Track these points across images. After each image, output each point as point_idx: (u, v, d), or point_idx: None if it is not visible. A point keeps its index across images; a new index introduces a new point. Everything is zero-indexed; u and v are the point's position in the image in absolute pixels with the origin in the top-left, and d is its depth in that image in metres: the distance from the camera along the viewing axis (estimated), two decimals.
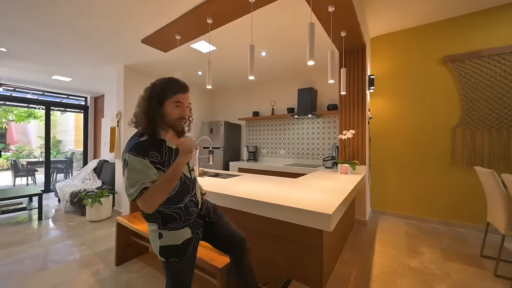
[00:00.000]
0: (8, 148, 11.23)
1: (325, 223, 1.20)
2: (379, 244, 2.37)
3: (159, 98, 1.02)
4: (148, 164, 0.95)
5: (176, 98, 1.04)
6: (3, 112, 11.16)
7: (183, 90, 1.07)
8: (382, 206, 3.29)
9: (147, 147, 0.98)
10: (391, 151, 3.24)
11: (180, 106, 1.05)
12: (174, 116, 1.05)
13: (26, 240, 2.64)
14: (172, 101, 1.03)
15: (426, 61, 3.00)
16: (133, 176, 0.93)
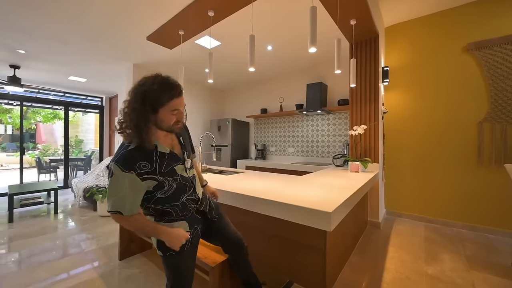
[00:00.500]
0: (36, 147, 12.07)
1: (325, 222, 1.09)
2: (393, 248, 2.18)
3: (152, 106, 0.89)
4: (132, 179, 0.89)
5: (172, 105, 0.92)
6: (31, 114, 12.00)
7: (178, 94, 0.94)
8: (398, 208, 3.06)
9: (135, 158, 0.89)
10: (408, 148, 3.00)
11: (175, 112, 0.94)
12: (170, 122, 0.95)
13: (40, 233, 2.75)
14: (168, 109, 0.92)
15: (448, 50, 2.74)
16: (112, 193, 0.89)
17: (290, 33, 2.76)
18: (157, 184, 0.95)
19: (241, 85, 5.01)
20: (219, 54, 3.29)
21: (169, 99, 0.91)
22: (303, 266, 1.56)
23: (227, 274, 1.33)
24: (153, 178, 0.94)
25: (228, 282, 1.35)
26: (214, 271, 1.26)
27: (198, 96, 4.82)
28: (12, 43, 2.87)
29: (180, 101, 0.95)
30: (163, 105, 0.90)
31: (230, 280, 1.36)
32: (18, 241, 2.53)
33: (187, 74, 4.19)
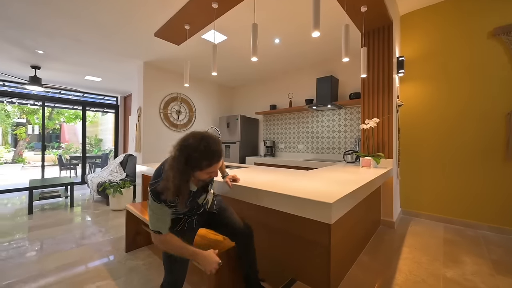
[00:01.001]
0: (60, 146, 12.80)
1: (325, 214, 1.01)
2: (407, 249, 2.03)
3: (191, 169, 0.98)
4: (163, 208, 1.05)
5: (209, 170, 1.01)
6: (56, 115, 12.75)
7: (216, 161, 1.01)
8: (414, 207, 2.87)
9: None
10: (426, 143, 2.80)
11: (211, 174, 1.04)
12: (203, 178, 1.06)
13: (55, 224, 2.87)
14: (205, 172, 1.01)
15: (471, 37, 2.52)
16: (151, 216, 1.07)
17: (298, 26, 2.67)
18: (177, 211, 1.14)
19: (250, 82, 4.97)
20: (226, 49, 3.27)
21: (207, 166, 0.99)
22: (306, 263, 1.48)
23: (224, 266, 1.28)
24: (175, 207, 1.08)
25: (227, 276, 1.30)
26: None
27: (208, 94, 4.84)
28: (31, 43, 3.03)
29: (217, 166, 1.03)
30: (202, 169, 0.99)
31: (229, 274, 1.31)
32: (35, 231, 2.66)
33: (196, 71, 4.21)
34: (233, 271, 1.34)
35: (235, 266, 1.36)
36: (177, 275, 1.07)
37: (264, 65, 3.91)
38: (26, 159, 11.31)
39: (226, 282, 1.30)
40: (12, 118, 12.34)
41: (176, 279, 1.07)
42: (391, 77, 2.54)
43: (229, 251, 1.33)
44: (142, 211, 2.05)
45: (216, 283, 1.25)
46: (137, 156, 3.89)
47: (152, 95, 3.87)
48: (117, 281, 1.70)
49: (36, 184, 3.40)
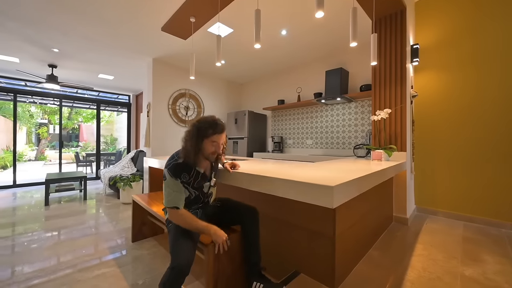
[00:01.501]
0: (78, 145, 13.39)
1: (326, 198, 0.95)
2: (422, 245, 1.90)
3: (201, 137, 1.25)
4: (178, 184, 1.25)
5: (212, 139, 1.26)
6: (74, 115, 13.36)
7: (220, 131, 1.28)
8: (430, 204, 2.70)
9: (180, 169, 1.25)
10: (443, 136, 2.63)
11: (214, 144, 1.28)
12: (209, 151, 1.28)
13: (69, 215, 2.98)
14: (210, 140, 1.26)
15: (495, 19, 2.34)
16: (168, 193, 1.24)
17: (306, 16, 2.60)
18: (188, 193, 1.32)
19: (258, 78, 4.93)
20: (233, 43, 3.25)
21: (212, 133, 1.26)
22: (310, 255, 1.41)
23: (223, 254, 1.25)
24: (186, 187, 1.30)
25: (226, 263, 1.27)
26: (209, 250, 1.19)
27: (216, 90, 4.85)
28: (47, 41, 3.16)
29: (219, 136, 1.28)
30: (207, 137, 1.25)
31: (227, 261, 1.28)
32: (50, 220, 2.77)
33: (204, 67, 4.23)
34: (232, 260, 1.31)
35: (235, 255, 1.32)
36: (183, 259, 1.07)
37: (271, 59, 3.86)
38: (47, 157, 11.93)
39: (225, 270, 1.27)
40: (35, 119, 13.08)
41: (182, 263, 1.06)
42: (404, 66, 2.40)
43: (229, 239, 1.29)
44: (149, 202, 2.06)
45: (215, 271, 1.22)
46: (146, 151, 3.97)
47: (161, 91, 3.93)
48: (122, 269, 1.71)
49: (52, 177, 3.54)
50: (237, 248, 1.34)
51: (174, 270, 1.05)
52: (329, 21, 2.71)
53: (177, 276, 1.05)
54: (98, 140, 5.67)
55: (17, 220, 2.78)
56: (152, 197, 2.17)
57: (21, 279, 1.59)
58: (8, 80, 4.95)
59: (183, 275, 1.06)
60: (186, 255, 1.10)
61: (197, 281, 1.53)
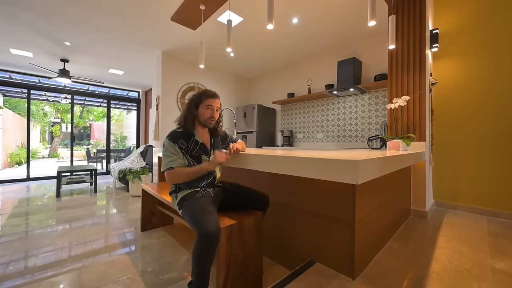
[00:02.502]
0: (89, 143, 13.69)
1: (351, 174, 0.88)
2: (444, 238, 1.79)
3: (195, 103, 1.36)
4: (176, 148, 1.31)
5: (207, 102, 1.35)
6: (86, 113, 13.66)
7: (212, 96, 1.37)
8: (451, 198, 2.56)
9: (179, 136, 1.33)
10: (464, 126, 2.49)
11: (210, 108, 1.35)
12: (206, 116, 1.35)
13: (79, 206, 3.00)
14: (204, 104, 1.35)
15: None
16: (165, 157, 1.30)
17: (319, 2, 2.51)
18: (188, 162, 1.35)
19: (268, 71, 4.86)
20: (243, 33, 3.20)
21: (204, 98, 1.36)
22: (327, 243, 1.33)
23: (235, 238, 1.19)
24: (185, 156, 1.34)
25: (238, 248, 1.21)
26: (222, 234, 1.13)
27: (225, 84, 4.82)
28: (59, 34, 3.20)
29: (213, 100, 1.36)
30: (201, 102, 1.35)
31: (240, 246, 1.21)
32: (61, 211, 2.79)
33: (213, 61, 4.20)
34: (245, 246, 1.24)
35: (248, 240, 1.26)
36: (210, 224, 1.03)
37: (281, 50, 3.78)
38: (60, 154, 12.25)
39: (237, 256, 1.21)
40: (49, 118, 13.47)
41: (210, 228, 1.01)
42: (423, 52, 2.29)
43: (240, 223, 1.23)
44: (158, 191, 2.02)
45: (227, 256, 1.16)
46: (155, 144, 3.97)
47: (170, 84, 3.92)
48: (131, 256, 1.69)
49: (63, 170, 3.59)
50: (251, 233, 1.28)
51: (203, 236, 1.01)
52: (342, 6, 2.61)
53: (207, 243, 1.01)
54: (108, 136, 5.74)
55: (29, 210, 2.82)
56: (161, 186, 2.14)
57: (31, 265, 1.58)
58: (22, 76, 5.07)
59: (213, 240, 1.01)
60: (212, 221, 1.06)
61: None
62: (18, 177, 4.86)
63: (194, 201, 1.24)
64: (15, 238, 2.01)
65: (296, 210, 1.49)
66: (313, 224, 1.40)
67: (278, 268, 1.51)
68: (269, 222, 1.64)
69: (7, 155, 7.97)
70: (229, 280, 1.17)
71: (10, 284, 1.36)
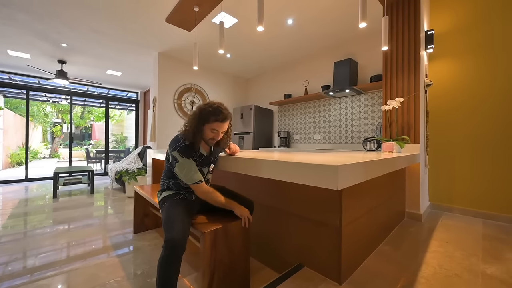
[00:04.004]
0: (90, 144, 13.75)
1: (331, 179, 0.87)
2: (437, 242, 1.77)
3: (202, 121, 1.27)
4: (193, 163, 1.27)
5: (214, 125, 1.27)
6: (87, 114, 13.72)
7: (222, 120, 1.28)
8: (446, 200, 2.53)
9: (190, 151, 1.28)
10: (460, 128, 2.46)
11: (214, 132, 1.29)
12: (208, 137, 1.30)
13: (75, 207, 3.01)
14: (209, 127, 1.27)
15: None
16: (188, 171, 1.25)
17: (312, 4, 2.50)
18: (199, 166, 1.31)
19: (265, 72, 4.85)
20: (238, 34, 3.19)
21: (213, 121, 1.26)
22: (315, 247, 1.32)
23: (221, 242, 1.18)
24: (197, 162, 1.31)
25: (224, 252, 1.20)
26: (205, 238, 1.12)
27: (222, 85, 4.81)
28: (56, 36, 3.21)
29: (220, 125, 1.28)
30: (208, 122, 1.26)
31: (226, 250, 1.21)
32: (56, 212, 2.80)
33: (209, 61, 4.20)
34: (231, 250, 1.24)
35: (234, 245, 1.25)
36: (176, 232, 1.04)
37: (277, 50, 3.77)
38: (61, 154, 12.31)
39: (223, 260, 1.20)
40: (50, 118, 13.54)
41: (175, 236, 1.02)
42: (418, 53, 2.27)
43: (226, 227, 1.22)
44: (151, 193, 2.02)
45: (212, 261, 1.15)
46: (152, 145, 3.97)
47: (166, 85, 3.92)
48: (121, 259, 1.68)
49: (60, 171, 3.60)
50: (237, 237, 1.27)
51: (167, 244, 1.01)
52: (336, 8, 2.60)
53: (170, 251, 0.99)
54: (107, 137, 5.76)
55: (25, 211, 2.83)
56: (154, 188, 2.14)
57: (19, 268, 1.58)
58: (22, 77, 5.10)
59: (177, 249, 1.00)
60: (179, 228, 1.05)
61: (196, 273, 1.48)
62: (18, 177, 4.89)
63: (171, 204, 1.26)
64: (7, 240, 2.01)
65: (285, 213, 1.48)
66: (301, 227, 1.39)
67: (268, 271, 1.50)
68: (259, 224, 1.63)
69: (8, 155, 8.02)
70: (214, 283, 1.16)
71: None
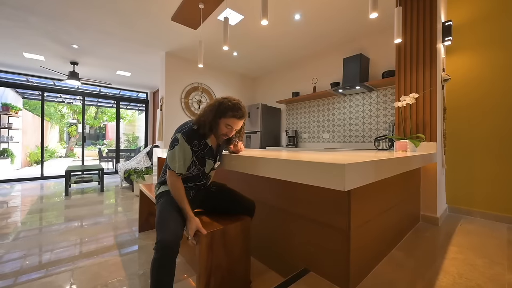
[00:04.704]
0: (103, 143, 14.16)
1: (337, 179, 0.79)
2: (456, 248, 1.64)
3: (219, 114, 1.22)
4: (189, 151, 1.21)
5: (230, 121, 1.22)
6: (100, 114, 14.15)
7: (238, 117, 1.23)
8: (466, 203, 2.37)
9: (194, 136, 1.22)
10: (480, 126, 2.29)
11: (228, 127, 1.25)
12: (221, 132, 1.26)
13: (83, 205, 3.06)
14: (225, 121, 1.22)
15: None
16: (178, 158, 1.19)
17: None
18: (191, 163, 1.25)
19: (272, 71, 4.78)
20: (244, 32, 3.14)
21: (230, 116, 1.21)
22: (322, 252, 1.24)
23: (218, 245, 1.13)
24: (193, 157, 1.24)
25: (221, 255, 1.14)
26: (201, 240, 1.07)
27: (229, 84, 4.78)
28: (66, 37, 3.28)
29: (236, 122, 1.24)
30: (225, 116, 1.22)
31: (224, 253, 1.15)
32: (66, 210, 2.86)
33: (216, 60, 4.18)
34: (230, 253, 1.18)
35: (233, 247, 1.20)
36: (168, 233, 0.99)
37: (284, 48, 3.68)
38: (76, 154, 12.76)
39: (220, 264, 1.15)
40: (66, 119, 14.08)
41: (167, 237, 0.97)
42: (434, 45, 2.13)
43: (224, 229, 1.17)
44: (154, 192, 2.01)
45: (208, 264, 1.10)
46: (160, 144, 4.00)
47: (173, 85, 3.93)
48: (125, 258, 1.67)
49: (71, 169, 3.69)
50: (237, 239, 1.21)
51: (158, 245, 0.96)
52: (348, 3, 2.49)
53: (162, 253, 0.95)
54: (118, 136, 5.88)
55: (36, 208, 2.91)
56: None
57: (25, 265, 1.60)
58: (38, 79, 5.30)
59: (168, 251, 0.95)
60: (172, 229, 1.01)
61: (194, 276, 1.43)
62: (34, 175, 5.07)
63: (167, 201, 1.21)
64: (17, 236, 2.06)
65: (291, 214, 1.41)
66: (307, 229, 1.32)
67: (272, 274, 1.44)
68: (264, 225, 1.57)
69: (27, 154, 8.38)
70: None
71: (2, 284, 1.38)
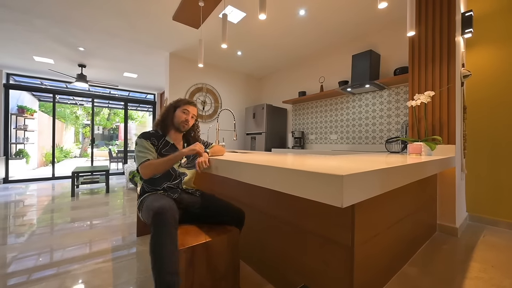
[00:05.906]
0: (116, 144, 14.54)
1: (333, 193, 0.67)
2: (478, 265, 1.45)
3: (173, 107, 1.43)
4: (148, 144, 1.31)
5: (184, 107, 1.41)
6: (113, 116, 14.53)
7: (190, 103, 1.44)
8: (489, 212, 2.15)
9: (150, 134, 1.36)
10: (509, 128, 2.07)
11: (186, 112, 1.40)
12: (180, 118, 1.39)
13: (87, 206, 3.07)
14: (181, 109, 1.41)
15: None
16: (139, 152, 1.28)
17: None
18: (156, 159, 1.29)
19: (277, 70, 4.65)
20: (247, 30, 3.04)
21: (183, 104, 1.42)
22: (323, 268, 1.12)
23: (201, 261, 1.02)
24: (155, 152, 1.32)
25: (204, 272, 1.04)
26: (180, 255, 0.97)
27: (234, 85, 4.70)
28: (72, 40, 3.32)
29: (189, 107, 1.42)
30: (179, 106, 1.42)
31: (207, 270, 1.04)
32: (73, 211, 2.88)
33: (221, 61, 4.11)
34: (214, 270, 1.07)
35: (218, 263, 1.09)
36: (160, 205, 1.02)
37: (290, 46, 3.55)
38: (89, 154, 13.18)
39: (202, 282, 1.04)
40: (81, 120, 14.57)
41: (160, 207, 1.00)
42: (452, 39, 1.93)
43: (208, 243, 1.06)
44: None
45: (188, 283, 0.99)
46: None
47: (177, 86, 3.90)
48: (119, 265, 1.61)
49: (78, 171, 3.73)
50: (222, 255, 1.10)
51: (155, 215, 0.98)
52: None
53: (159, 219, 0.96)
54: (126, 137, 5.96)
55: (41, 209, 2.94)
56: None
57: (18, 269, 1.57)
58: (51, 82, 5.46)
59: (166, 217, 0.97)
60: (161, 201, 1.06)
61: None
62: (47, 175, 5.22)
63: (148, 200, 1.21)
64: (18, 236, 2.06)
65: (291, 227, 1.29)
66: (308, 243, 1.19)
67: None
68: (261, 236, 1.46)
69: (43, 154, 8.70)
70: None
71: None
